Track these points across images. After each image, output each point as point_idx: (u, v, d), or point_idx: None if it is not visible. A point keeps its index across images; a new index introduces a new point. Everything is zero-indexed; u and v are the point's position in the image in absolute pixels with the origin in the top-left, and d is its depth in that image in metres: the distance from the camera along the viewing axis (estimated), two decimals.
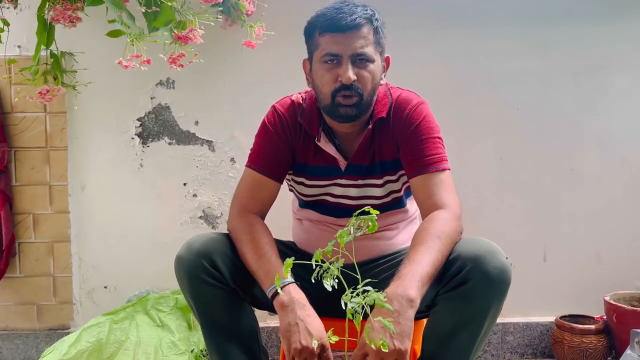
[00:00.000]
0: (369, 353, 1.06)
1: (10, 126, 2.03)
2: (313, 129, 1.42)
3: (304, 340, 1.11)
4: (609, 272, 2.12)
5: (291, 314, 1.15)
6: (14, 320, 2.09)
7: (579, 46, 2.08)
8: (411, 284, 1.10)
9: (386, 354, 1.04)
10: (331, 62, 1.31)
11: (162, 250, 2.08)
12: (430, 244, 1.18)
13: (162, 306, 1.95)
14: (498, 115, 2.09)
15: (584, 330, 1.91)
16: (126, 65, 1.56)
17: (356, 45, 1.28)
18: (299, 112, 1.44)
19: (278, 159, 1.43)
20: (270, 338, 2.06)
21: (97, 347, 1.80)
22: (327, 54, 1.30)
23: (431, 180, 1.32)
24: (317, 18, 1.32)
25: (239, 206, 1.41)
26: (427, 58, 2.06)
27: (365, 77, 1.31)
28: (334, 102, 1.32)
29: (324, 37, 1.30)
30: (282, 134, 1.43)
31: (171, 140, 2.08)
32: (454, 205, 1.29)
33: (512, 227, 2.10)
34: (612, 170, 2.11)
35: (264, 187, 1.42)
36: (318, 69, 1.34)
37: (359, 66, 1.30)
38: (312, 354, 1.11)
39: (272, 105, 1.48)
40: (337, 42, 1.28)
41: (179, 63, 1.64)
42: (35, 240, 2.07)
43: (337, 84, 1.30)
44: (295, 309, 1.16)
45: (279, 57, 2.00)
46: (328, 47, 1.29)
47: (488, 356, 2.09)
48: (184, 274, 1.28)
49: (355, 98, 1.31)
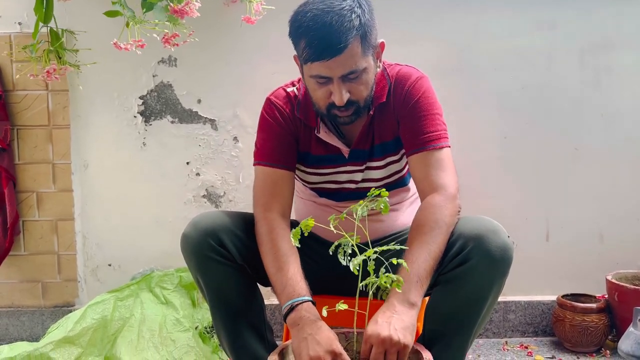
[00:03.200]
0: (374, 344, 1.07)
1: (12, 104, 2.03)
2: (311, 121, 1.40)
3: (312, 351, 1.09)
4: (612, 251, 2.12)
5: (301, 332, 1.14)
6: (20, 297, 2.11)
7: (585, 24, 2.05)
8: (409, 288, 1.13)
9: (389, 346, 1.06)
10: (322, 82, 1.26)
11: (165, 228, 2.09)
12: (427, 238, 1.19)
13: (166, 284, 1.96)
14: (502, 93, 2.07)
15: (585, 309, 1.92)
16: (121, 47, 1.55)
17: (345, 68, 1.22)
18: (295, 104, 1.41)
19: (285, 148, 1.40)
20: (273, 315, 2.08)
21: (102, 324, 1.83)
22: (317, 76, 1.25)
23: (428, 159, 1.31)
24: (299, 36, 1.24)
25: (260, 208, 1.36)
26: (432, 36, 2.04)
27: (360, 89, 1.27)
28: (330, 114, 1.31)
29: (310, 63, 1.23)
30: (283, 124, 1.41)
31: (174, 119, 2.07)
32: (450, 186, 1.28)
33: (515, 207, 2.10)
34: (616, 149, 2.09)
35: (280, 181, 1.38)
36: (309, 82, 1.29)
37: (351, 81, 1.25)
38: (339, 355, 1.09)
39: (267, 98, 1.45)
40: (326, 67, 1.21)
41: (173, 42, 1.62)
42: (39, 219, 2.07)
43: (331, 100, 1.27)
44: (305, 326, 1.14)
45: (283, 35, 1.97)
46: (316, 70, 1.23)
47: (489, 334, 2.10)
48: (190, 252, 1.28)
49: (352, 109, 1.29)
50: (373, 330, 1.08)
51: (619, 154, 2.10)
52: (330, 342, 1.10)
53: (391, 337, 1.06)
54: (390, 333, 1.07)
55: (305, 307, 1.18)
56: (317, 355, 1.08)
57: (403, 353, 1.08)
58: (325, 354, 1.07)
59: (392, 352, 1.07)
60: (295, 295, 1.19)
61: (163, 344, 1.80)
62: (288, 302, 1.18)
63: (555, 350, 1.99)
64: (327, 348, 1.08)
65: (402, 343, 1.07)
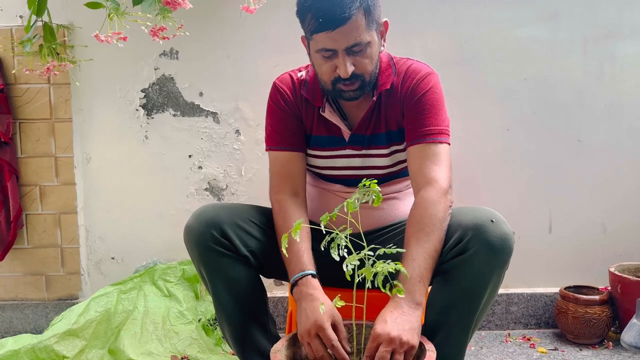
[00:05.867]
0: (383, 343, 1.09)
1: (14, 97, 2.03)
2: (317, 100, 1.42)
3: (304, 325, 1.17)
4: (615, 243, 2.11)
5: (300, 306, 1.22)
6: (23, 290, 2.11)
7: (588, 14, 2.04)
8: (413, 288, 1.16)
9: (398, 346, 1.09)
10: (327, 56, 1.29)
11: (168, 221, 2.09)
12: (424, 237, 1.21)
13: (170, 276, 1.97)
14: (505, 84, 2.06)
15: (588, 301, 1.92)
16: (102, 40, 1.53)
17: (349, 39, 1.25)
18: (301, 85, 1.45)
19: (292, 130, 1.44)
20: (276, 308, 2.08)
21: (106, 317, 1.83)
22: (322, 49, 1.28)
23: (425, 152, 1.32)
24: (305, 10, 1.28)
25: (272, 191, 1.42)
26: (434, 28, 2.03)
27: (364, 62, 1.30)
28: (336, 89, 1.33)
29: (316, 34, 1.27)
30: (286, 108, 1.44)
31: (176, 112, 2.07)
32: (443, 180, 1.28)
33: (518, 198, 2.09)
34: (620, 140, 2.09)
35: (289, 163, 1.43)
36: (315, 58, 1.33)
37: (355, 55, 1.28)
38: (321, 328, 1.14)
39: (273, 82, 1.49)
40: (330, 39, 1.25)
41: (161, 35, 1.61)
42: (42, 212, 2.08)
43: (336, 74, 1.30)
44: (302, 300, 1.22)
45: (285, 27, 1.98)
46: (322, 42, 1.27)
47: (492, 326, 2.10)
48: (193, 243, 1.29)
49: (357, 83, 1.32)
50: (383, 329, 1.10)
51: (622, 145, 2.09)
52: (315, 316, 1.16)
53: (400, 338, 1.09)
54: (399, 333, 1.09)
55: (304, 281, 1.24)
56: (307, 329, 1.16)
57: (410, 353, 1.11)
58: (311, 327, 1.15)
59: (399, 352, 1.09)
60: (297, 271, 1.26)
61: (166, 336, 1.80)
62: (292, 279, 1.26)
63: (558, 342, 1.99)
64: (312, 322, 1.15)
65: (411, 344, 1.10)
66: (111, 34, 1.55)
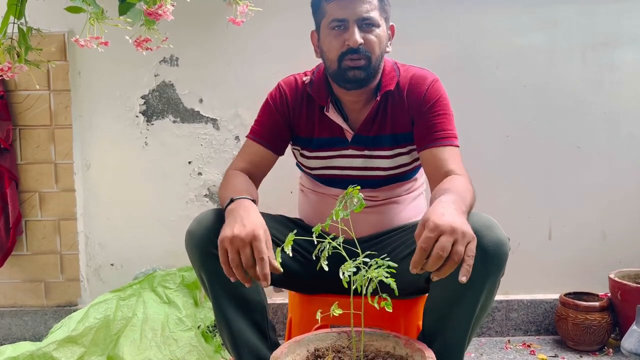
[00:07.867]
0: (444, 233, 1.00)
1: (15, 104, 2.03)
2: (322, 99, 1.44)
3: (236, 230, 1.12)
4: (615, 249, 2.11)
5: (233, 213, 1.19)
6: (22, 297, 2.11)
7: (587, 22, 2.05)
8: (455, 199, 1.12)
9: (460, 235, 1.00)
10: (338, 28, 1.34)
11: (167, 228, 2.09)
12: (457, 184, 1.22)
13: (169, 283, 1.96)
14: (505, 92, 2.07)
15: (588, 308, 1.92)
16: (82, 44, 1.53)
17: (361, 10, 1.32)
18: (305, 86, 1.47)
19: (276, 133, 1.48)
20: (275, 314, 2.08)
21: (105, 324, 1.83)
22: (334, 20, 1.34)
23: (443, 153, 1.35)
24: None
25: (229, 168, 1.47)
26: (434, 34, 2.04)
27: (373, 40, 1.35)
28: (342, 66, 1.36)
29: (330, 4, 1.34)
30: (279, 108, 1.48)
31: (175, 119, 2.07)
32: (463, 174, 1.32)
33: (518, 205, 2.09)
34: (619, 147, 2.09)
35: (259, 156, 1.47)
36: (326, 36, 1.38)
37: (365, 30, 1.34)
38: (257, 239, 1.11)
39: (278, 82, 1.52)
40: (343, 7, 1.32)
41: (145, 46, 1.61)
42: (42, 219, 2.08)
43: (345, 47, 1.34)
44: (239, 209, 1.19)
45: (284, 34, 1.98)
46: (334, 13, 1.33)
47: (492, 333, 2.10)
48: (194, 248, 1.29)
49: (364, 61, 1.34)
50: (442, 220, 1.00)
51: (622, 152, 2.09)
52: (255, 226, 1.13)
53: (463, 229, 1.00)
54: (461, 225, 1.01)
55: (244, 201, 1.23)
56: (239, 236, 1.11)
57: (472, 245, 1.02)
58: (247, 234, 1.11)
59: (462, 243, 1.00)
60: (236, 195, 1.25)
61: (166, 343, 1.80)
62: (228, 200, 1.24)
63: (558, 348, 1.98)
64: (249, 231, 1.11)
65: (472, 235, 1.02)
66: (89, 38, 1.55)
